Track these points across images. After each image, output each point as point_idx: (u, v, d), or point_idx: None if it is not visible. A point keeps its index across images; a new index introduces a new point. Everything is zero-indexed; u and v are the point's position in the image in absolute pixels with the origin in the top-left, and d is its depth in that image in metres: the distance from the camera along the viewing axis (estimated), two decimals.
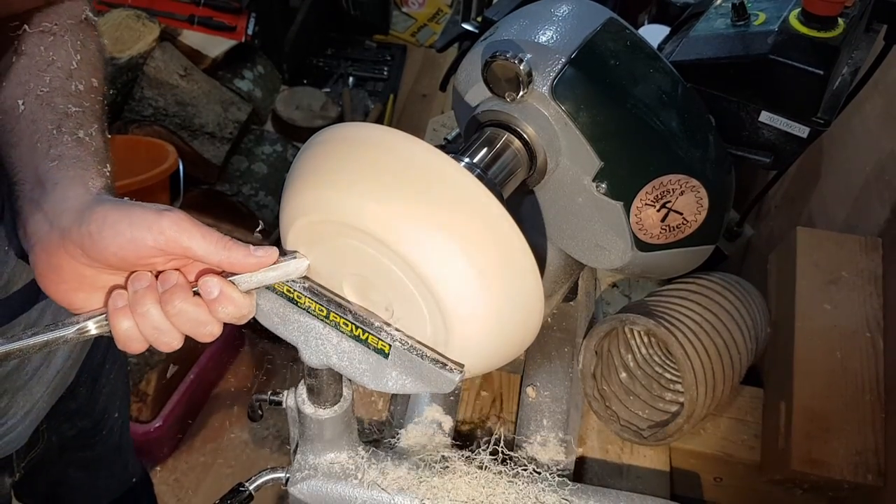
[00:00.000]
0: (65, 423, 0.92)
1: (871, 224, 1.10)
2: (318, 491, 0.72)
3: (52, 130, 0.58)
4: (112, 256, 0.51)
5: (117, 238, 0.50)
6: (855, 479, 0.87)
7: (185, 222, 0.51)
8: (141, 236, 0.50)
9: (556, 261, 0.86)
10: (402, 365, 0.56)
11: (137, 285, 0.52)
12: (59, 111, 0.60)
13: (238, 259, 0.52)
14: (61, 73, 0.62)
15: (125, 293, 0.52)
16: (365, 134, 0.53)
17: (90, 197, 0.54)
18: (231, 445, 2.00)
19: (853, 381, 0.93)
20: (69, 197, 0.53)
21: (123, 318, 0.52)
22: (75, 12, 0.68)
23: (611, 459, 0.93)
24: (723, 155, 0.76)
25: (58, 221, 0.52)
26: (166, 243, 0.51)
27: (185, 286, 0.52)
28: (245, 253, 0.52)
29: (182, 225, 0.51)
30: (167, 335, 0.52)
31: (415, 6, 3.28)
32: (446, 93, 1.17)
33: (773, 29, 0.74)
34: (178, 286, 0.51)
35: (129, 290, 0.52)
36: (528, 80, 0.66)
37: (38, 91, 0.60)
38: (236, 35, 2.37)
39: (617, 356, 0.97)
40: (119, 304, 0.52)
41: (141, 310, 0.51)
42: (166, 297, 0.51)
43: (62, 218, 0.52)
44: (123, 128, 2.14)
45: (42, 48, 0.63)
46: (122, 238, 0.50)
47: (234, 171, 2.30)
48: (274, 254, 0.54)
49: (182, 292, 0.51)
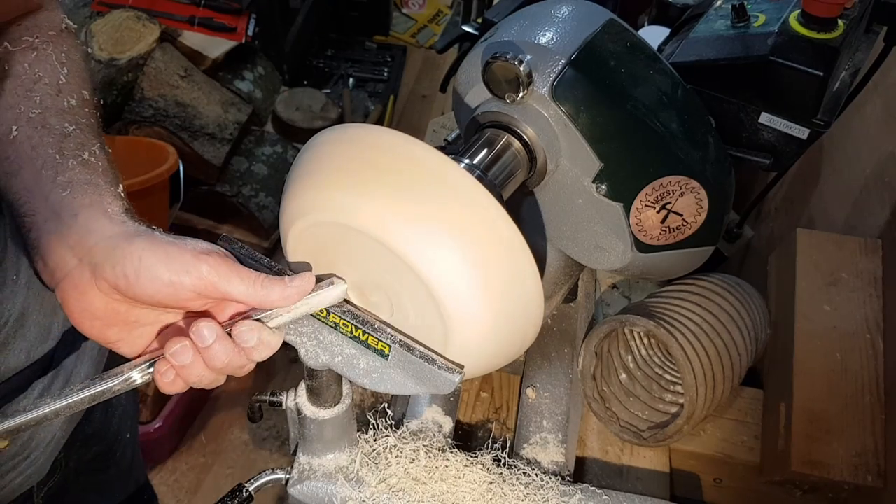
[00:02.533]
0: (81, 448, 0.90)
1: (871, 225, 1.10)
2: (318, 492, 0.72)
3: (55, 155, 0.56)
4: (148, 298, 0.50)
5: (154, 282, 0.49)
6: (855, 481, 0.87)
7: (223, 266, 0.51)
8: (179, 281, 0.49)
9: (556, 262, 0.86)
10: (401, 366, 0.56)
11: (180, 357, 0.51)
12: (57, 132, 0.58)
13: (276, 297, 0.52)
14: (51, 90, 0.60)
15: (171, 366, 0.51)
16: (365, 135, 0.53)
17: (117, 228, 0.53)
18: (231, 446, 2.00)
19: (853, 383, 0.93)
20: (94, 230, 0.52)
21: (169, 372, 0.51)
22: (54, 23, 0.65)
23: (610, 460, 0.93)
24: (723, 156, 0.76)
25: (88, 258, 0.51)
26: (205, 288, 0.50)
27: (223, 338, 0.51)
28: (282, 289, 0.52)
29: (221, 270, 0.50)
30: (208, 380, 0.53)
31: (415, 7, 3.29)
32: (446, 94, 1.17)
33: (772, 30, 0.74)
34: (219, 341, 0.51)
35: (167, 354, 0.51)
36: (528, 82, 0.66)
37: (30, 113, 0.58)
38: (236, 36, 2.37)
39: (617, 357, 0.97)
40: (169, 378, 0.52)
41: (186, 369, 0.51)
42: (209, 355, 0.51)
43: (92, 254, 0.51)
44: (123, 128, 2.14)
45: (26, 65, 0.61)
46: (160, 282, 0.49)
47: (234, 172, 2.30)
48: (311, 281, 0.53)
49: (223, 346, 0.51)
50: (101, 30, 2.13)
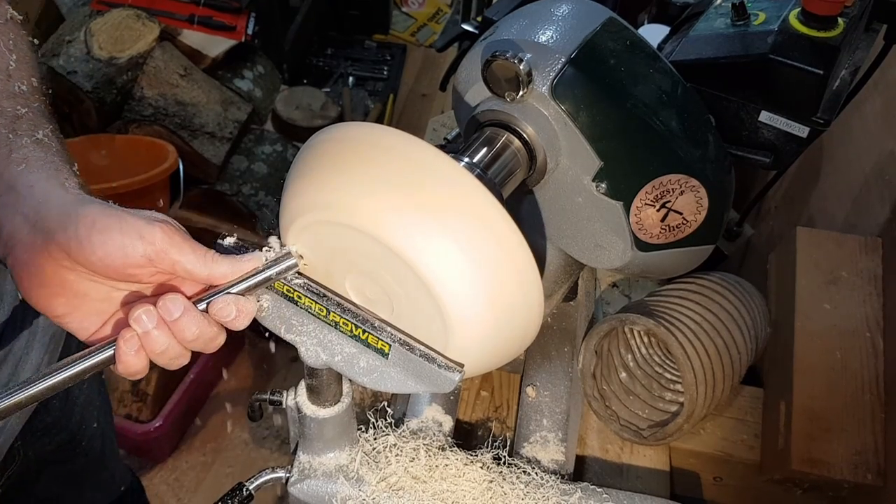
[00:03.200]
0: (42, 438, 0.90)
1: (871, 224, 1.10)
2: (318, 491, 0.72)
3: (7, 134, 0.56)
4: (98, 262, 0.49)
5: (106, 245, 0.49)
6: (855, 479, 0.87)
7: (177, 235, 0.51)
8: (131, 244, 0.49)
9: (556, 261, 0.86)
10: (401, 365, 0.56)
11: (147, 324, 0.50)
12: (9, 114, 0.57)
13: (226, 270, 0.52)
14: (1, 76, 0.60)
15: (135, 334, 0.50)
16: (364, 134, 0.53)
17: (72, 198, 0.52)
18: (231, 445, 2.00)
19: (853, 381, 0.93)
20: (50, 200, 0.51)
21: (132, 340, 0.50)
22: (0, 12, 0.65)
23: (610, 459, 0.93)
24: (722, 155, 0.76)
25: (41, 224, 0.50)
26: (156, 254, 0.50)
27: (192, 309, 0.51)
28: (231, 262, 0.52)
29: (174, 238, 0.50)
30: (180, 359, 0.52)
31: (415, 6, 3.28)
32: (446, 92, 1.17)
33: (772, 28, 0.74)
34: (187, 311, 0.50)
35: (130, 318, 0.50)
36: (527, 80, 0.66)
37: None
38: (236, 35, 2.37)
39: (617, 356, 0.97)
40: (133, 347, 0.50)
41: (159, 349, 0.50)
42: (179, 326, 0.50)
43: (46, 220, 0.50)
44: (123, 127, 2.14)
45: None
46: (111, 245, 0.49)
47: (233, 170, 2.30)
48: (258, 259, 0.54)
49: (193, 317, 0.51)
50: (101, 29, 2.13)
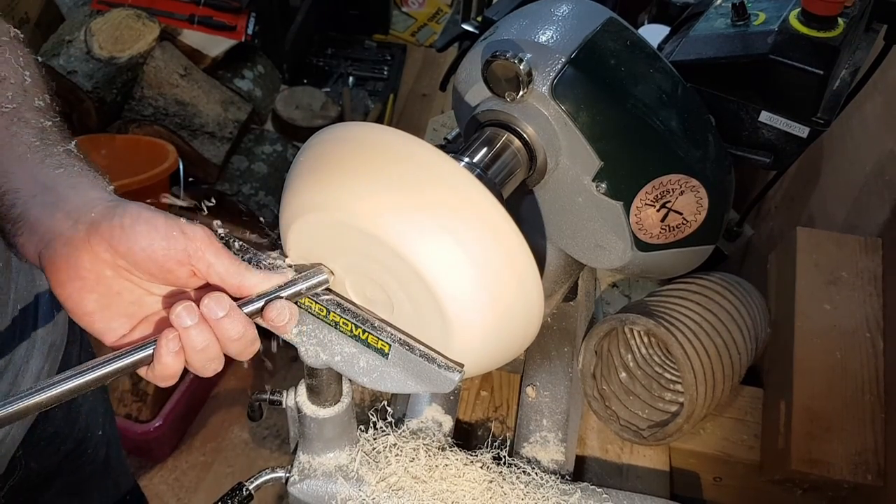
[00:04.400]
0: (46, 448, 0.89)
1: (871, 224, 1.10)
2: (318, 491, 0.72)
3: (36, 143, 0.56)
4: (140, 252, 0.49)
5: (150, 234, 0.49)
6: (855, 479, 0.87)
7: (215, 240, 0.52)
8: (174, 238, 0.50)
9: (556, 261, 0.86)
10: (401, 365, 0.56)
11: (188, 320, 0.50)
12: (34, 125, 0.58)
13: (253, 284, 0.53)
14: (18, 90, 0.60)
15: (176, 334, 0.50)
16: (364, 134, 0.53)
17: (115, 198, 0.53)
18: (231, 445, 2.00)
19: (853, 381, 0.93)
20: (93, 198, 0.52)
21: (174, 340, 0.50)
22: (3, 29, 0.65)
23: (610, 459, 0.93)
24: (722, 155, 0.76)
25: (85, 218, 0.50)
26: (195, 252, 0.50)
27: (236, 309, 0.51)
28: (263, 276, 0.54)
29: (212, 240, 0.51)
30: (216, 361, 0.52)
31: (415, 6, 3.28)
32: (446, 92, 1.17)
33: (772, 29, 0.74)
34: (233, 310, 0.51)
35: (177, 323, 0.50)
36: (527, 80, 0.66)
37: (3, 108, 0.58)
38: (236, 35, 2.37)
39: (617, 356, 0.97)
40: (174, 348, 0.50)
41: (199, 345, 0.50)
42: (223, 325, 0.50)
43: (91, 215, 0.50)
44: (123, 127, 2.14)
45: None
46: (155, 235, 0.49)
47: (234, 170, 2.30)
48: (287, 274, 0.55)
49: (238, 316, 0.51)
50: (101, 28, 2.13)
